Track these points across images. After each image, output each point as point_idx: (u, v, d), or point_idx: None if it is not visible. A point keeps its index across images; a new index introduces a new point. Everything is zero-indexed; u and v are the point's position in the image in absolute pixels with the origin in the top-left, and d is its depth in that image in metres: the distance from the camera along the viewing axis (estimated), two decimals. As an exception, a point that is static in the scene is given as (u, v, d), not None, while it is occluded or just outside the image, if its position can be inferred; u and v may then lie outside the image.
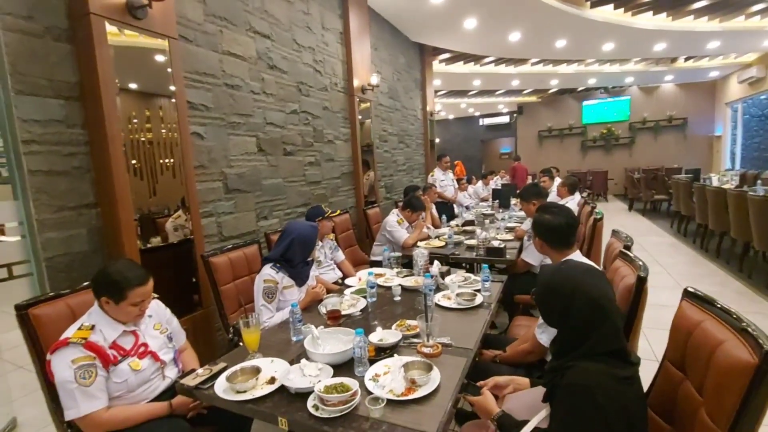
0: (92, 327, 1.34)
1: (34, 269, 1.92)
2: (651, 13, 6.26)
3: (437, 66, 8.37)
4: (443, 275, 2.30)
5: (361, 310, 1.92)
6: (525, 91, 12.11)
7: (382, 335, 1.54)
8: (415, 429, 1.04)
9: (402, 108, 6.09)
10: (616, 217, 8.54)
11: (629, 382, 0.97)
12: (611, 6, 5.92)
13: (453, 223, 4.37)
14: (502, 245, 2.94)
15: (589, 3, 5.77)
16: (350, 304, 1.97)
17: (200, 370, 1.39)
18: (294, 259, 1.99)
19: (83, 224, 2.03)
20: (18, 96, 1.79)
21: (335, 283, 2.70)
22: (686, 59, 9.06)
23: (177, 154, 2.37)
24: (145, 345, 1.45)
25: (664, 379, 1.16)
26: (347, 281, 2.45)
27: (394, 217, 3.52)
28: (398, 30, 5.91)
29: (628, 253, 1.60)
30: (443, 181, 5.51)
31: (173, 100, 2.35)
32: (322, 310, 1.85)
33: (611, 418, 0.93)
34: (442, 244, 3.32)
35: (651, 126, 11.87)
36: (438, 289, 2.15)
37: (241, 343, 2.09)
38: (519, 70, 9.21)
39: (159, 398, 1.46)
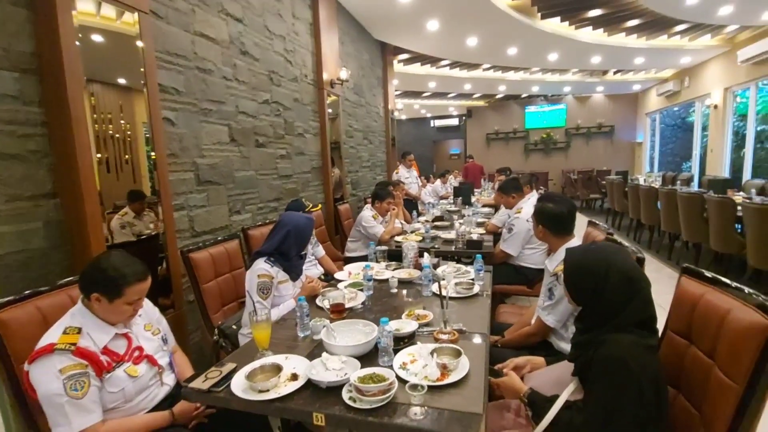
0: (79, 330, 1.17)
1: (-22, 269, 1.64)
2: (591, 27, 6.85)
3: (396, 66, 8.45)
4: (435, 266, 2.33)
5: (361, 303, 1.88)
6: (475, 96, 12.65)
7: (397, 325, 1.53)
8: (465, 411, 1.04)
9: (366, 104, 6.07)
10: (559, 215, 9.23)
11: (655, 350, 1.06)
12: (558, 18, 6.38)
13: (422, 219, 4.44)
14: (480, 238, 3.05)
15: (539, 14, 6.17)
16: (350, 297, 1.92)
17: (210, 372, 1.27)
18: (289, 252, 1.90)
19: (40, 217, 1.77)
20: (-37, 64, 1.52)
21: (318, 278, 2.62)
22: (615, 72, 10.02)
23: (135, 145, 2.13)
24: (139, 348, 1.30)
25: (668, 348, 1.27)
26: (337, 275, 2.39)
27: (368, 213, 3.50)
28: (363, 26, 5.88)
29: (615, 239, 1.73)
30: (408, 178, 5.59)
31: (142, 82, 2.13)
32: (325, 303, 1.79)
33: (644, 386, 1.00)
34: (419, 238, 3.37)
35: (584, 132, 12.97)
36: (434, 279, 2.18)
37: (224, 344, 1.98)
38: (471, 74, 9.59)
39: (158, 407, 1.31)
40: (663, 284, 4.32)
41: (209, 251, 2.13)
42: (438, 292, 1.55)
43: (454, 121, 15.99)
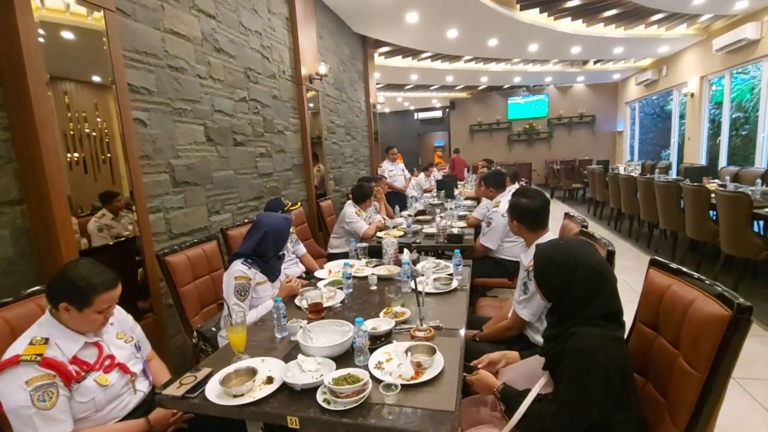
0: (46, 341, 1.15)
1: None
2: (570, 18, 6.90)
3: (377, 59, 8.38)
4: (414, 262, 2.34)
5: (340, 302, 1.88)
6: (457, 87, 12.66)
7: (374, 323, 1.53)
8: (437, 409, 1.06)
9: (348, 99, 6.02)
10: (542, 205, 9.36)
11: (622, 342, 1.09)
12: (537, 9, 6.41)
13: (405, 213, 4.46)
14: (461, 232, 3.07)
15: (519, 6, 6.18)
16: (329, 296, 1.92)
17: (184, 378, 1.26)
18: (267, 253, 1.89)
19: (6, 224, 1.71)
20: None
21: (299, 277, 2.61)
22: (595, 62, 10.14)
23: (113, 144, 2.09)
24: (111, 357, 1.28)
25: (637, 338, 1.31)
26: (317, 274, 2.38)
27: (352, 209, 3.49)
28: (342, 20, 5.81)
29: (588, 232, 1.77)
30: (392, 171, 5.59)
31: (110, 80, 2.07)
32: (304, 303, 1.79)
33: (611, 376, 1.03)
34: (401, 233, 3.38)
35: (566, 122, 13.13)
36: (412, 276, 2.19)
37: (204, 347, 1.97)
38: (453, 66, 9.59)
39: (131, 415, 1.29)
40: (641, 273, 4.45)
41: (186, 253, 2.09)
42: (415, 288, 1.56)
43: (438, 113, 16.00)
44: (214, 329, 1.94)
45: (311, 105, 4.43)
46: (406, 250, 2.43)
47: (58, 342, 1.17)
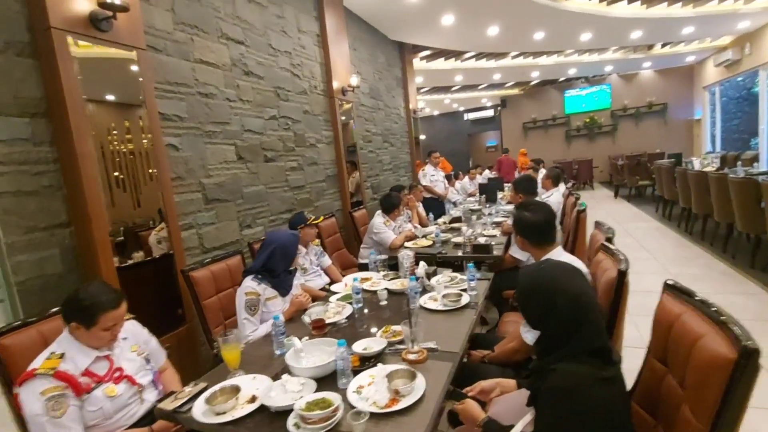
0: (62, 355, 1.29)
1: (6, 294, 1.85)
2: (626, 1, 6.32)
3: (418, 63, 8.34)
4: (429, 276, 2.28)
5: (347, 318, 1.89)
6: (507, 84, 12.16)
7: (366, 344, 1.52)
8: (401, 442, 1.01)
9: (385, 107, 6.05)
10: (603, 205, 8.64)
11: (610, 383, 0.96)
12: (587, -4, 5.96)
13: (440, 220, 4.36)
14: (489, 241, 2.93)
15: (564, -6, 5.79)
16: (336, 311, 1.94)
17: (180, 392, 1.35)
18: (276, 269, 1.96)
19: (56, 244, 1.96)
20: (-22, 117, 1.73)
21: (322, 289, 2.66)
22: (663, 45, 9.17)
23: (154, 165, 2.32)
24: (120, 369, 1.40)
25: (648, 372, 1.16)
26: (333, 287, 2.41)
27: (380, 219, 3.49)
28: (376, 29, 5.87)
29: (609, 245, 1.59)
30: (434, 176, 5.51)
31: (145, 111, 2.29)
32: (306, 319, 1.82)
33: (589, 422, 0.92)
34: (430, 243, 3.31)
35: (632, 113, 12.01)
36: (425, 291, 2.14)
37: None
38: (500, 63, 9.23)
39: (138, 423, 1.41)
40: (713, 282, 3.91)
41: (210, 269, 2.24)
42: (408, 308, 1.51)
43: (489, 113, 15.51)
44: (232, 341, 2.05)
45: (343, 118, 4.51)
46: (422, 263, 2.38)
47: (72, 356, 1.31)
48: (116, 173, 2.15)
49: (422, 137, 16.83)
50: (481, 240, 2.94)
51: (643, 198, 8.97)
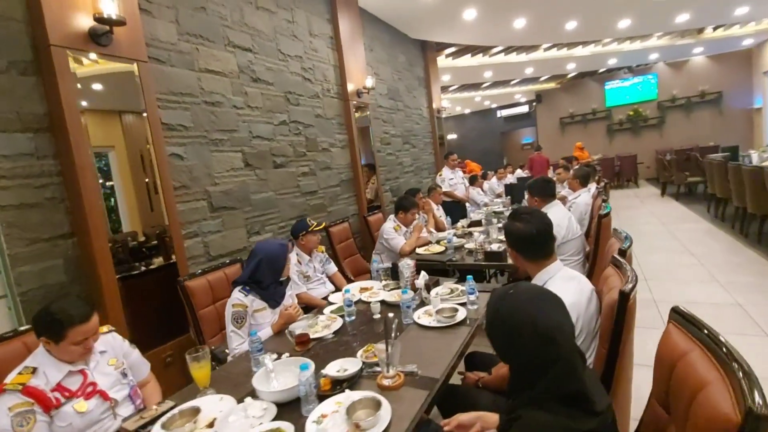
0: (34, 370, 1.29)
1: (11, 303, 1.93)
2: (668, -18, 5.80)
3: (444, 61, 8.13)
4: (430, 287, 2.14)
5: (334, 332, 1.80)
6: (541, 78, 11.62)
7: (342, 364, 1.42)
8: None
9: (405, 108, 5.93)
10: (648, 204, 8.00)
11: None
12: (623, -20, 5.53)
13: (459, 224, 4.18)
14: (502, 248, 2.74)
15: (597, -21, 5.41)
16: (324, 325, 1.86)
17: (147, 410, 1.31)
18: (264, 280, 1.90)
19: (59, 255, 2.02)
20: (-17, 134, 1.80)
21: (323, 298, 2.59)
22: (715, 29, 8.36)
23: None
24: (93, 384, 1.39)
25: (649, 418, 0.97)
26: (330, 298, 2.34)
27: (390, 224, 3.38)
28: (396, 29, 5.76)
29: (619, 259, 1.39)
30: (452, 179, 5.30)
31: (147, 122, 2.32)
32: (290, 335, 1.75)
33: None
34: (442, 249, 3.16)
35: (682, 103, 11.07)
36: (423, 304, 2.01)
37: (216, 367, 2.05)
38: (531, 57, 8.81)
39: (112, 439, 1.39)
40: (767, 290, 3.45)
41: (207, 278, 2.23)
42: (385, 326, 1.39)
43: (523, 109, 14.93)
44: (226, 351, 2.02)
45: (357, 115, 4.44)
46: (423, 273, 2.25)
47: (45, 371, 1.32)
48: (146, 179, 2.31)
49: (453, 136, 16.57)
50: (494, 246, 2.75)
51: (694, 196, 8.21)
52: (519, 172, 8.63)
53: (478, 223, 4.08)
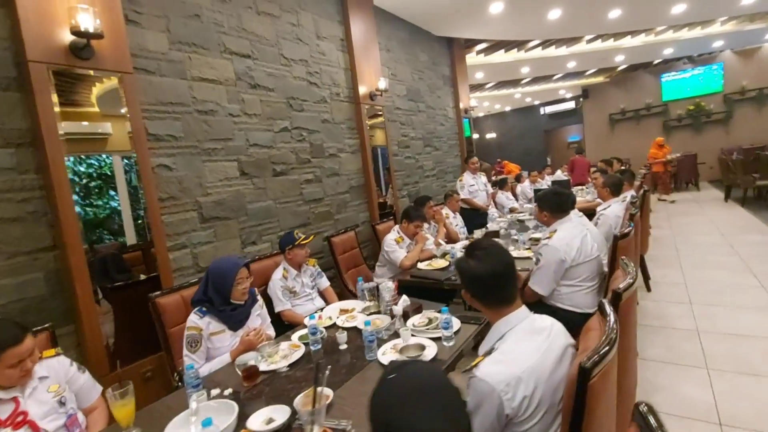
0: (-37, 397, 1.26)
1: (-9, 316, 1.97)
2: (732, -41, 5.07)
3: (476, 58, 7.75)
4: (408, 315, 1.93)
5: (289, 365, 1.64)
6: (588, 72, 10.78)
7: (272, 413, 1.26)
8: None
9: (427, 108, 5.67)
10: (708, 210, 7.13)
11: None
12: (675, -41, 4.90)
13: (474, 234, 3.88)
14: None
15: (643, -39, 4.83)
16: (284, 355, 1.71)
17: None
18: (215, 299, 1.79)
19: (39, 268, 2.04)
20: (-39, 150, 1.84)
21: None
22: (796, 9, 7.26)
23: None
24: (24, 413, 1.34)
25: None
26: (306, 321, 2.19)
27: (392, 235, 3.19)
28: (417, 27, 5.51)
29: (606, 307, 1.10)
30: (473, 186, 4.96)
31: (131, 133, 2.30)
32: (242, 366, 1.61)
33: None
34: (446, 264, 2.91)
35: (753, 95, 9.80)
36: (396, 335, 1.80)
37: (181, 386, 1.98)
38: (573, 50, 8.16)
39: (43, 472, 1.34)
40: None
41: (181, 294, 2.17)
42: (315, 374, 1.21)
43: (569, 105, 14.02)
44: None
45: (370, 122, 4.27)
46: (404, 297, 2.04)
47: (-24, 398, 1.28)
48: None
49: (492, 135, 15.90)
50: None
51: (764, 202, 7.19)
52: (559, 174, 8.03)
53: (496, 234, 3.76)
